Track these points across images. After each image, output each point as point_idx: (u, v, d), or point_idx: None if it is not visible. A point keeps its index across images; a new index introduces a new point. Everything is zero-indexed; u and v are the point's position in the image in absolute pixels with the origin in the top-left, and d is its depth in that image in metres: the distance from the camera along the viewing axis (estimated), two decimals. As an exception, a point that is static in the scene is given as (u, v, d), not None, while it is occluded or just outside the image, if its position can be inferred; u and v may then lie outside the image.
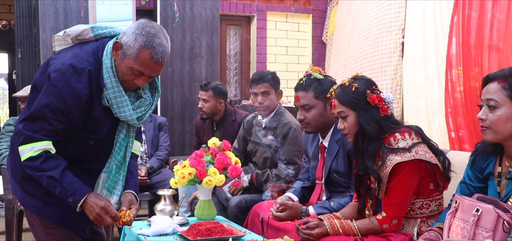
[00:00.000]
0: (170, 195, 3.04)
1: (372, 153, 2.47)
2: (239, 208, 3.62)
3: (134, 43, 2.12)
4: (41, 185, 2.17)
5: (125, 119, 2.26)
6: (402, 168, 2.39)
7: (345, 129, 2.56)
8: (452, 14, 4.48)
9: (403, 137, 2.44)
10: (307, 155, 3.28)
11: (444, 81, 4.54)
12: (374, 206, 2.60)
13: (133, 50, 2.12)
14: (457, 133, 4.40)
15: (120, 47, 2.16)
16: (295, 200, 3.12)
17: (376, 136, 2.47)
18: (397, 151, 2.40)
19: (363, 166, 2.50)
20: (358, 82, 2.55)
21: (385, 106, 2.52)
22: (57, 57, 2.20)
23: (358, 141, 2.53)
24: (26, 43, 5.74)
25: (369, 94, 2.50)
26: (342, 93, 2.55)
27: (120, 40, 2.17)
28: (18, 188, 2.29)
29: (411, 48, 5.07)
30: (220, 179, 2.97)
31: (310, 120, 3.01)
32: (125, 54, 2.14)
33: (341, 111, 2.55)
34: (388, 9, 5.42)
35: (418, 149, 2.41)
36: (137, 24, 2.17)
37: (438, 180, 2.51)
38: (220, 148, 3.14)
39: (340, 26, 6.59)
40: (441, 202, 2.55)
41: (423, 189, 2.49)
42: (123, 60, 2.15)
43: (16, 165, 2.26)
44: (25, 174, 2.22)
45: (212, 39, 5.85)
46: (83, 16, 5.13)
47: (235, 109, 4.68)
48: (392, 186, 2.42)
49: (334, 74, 6.46)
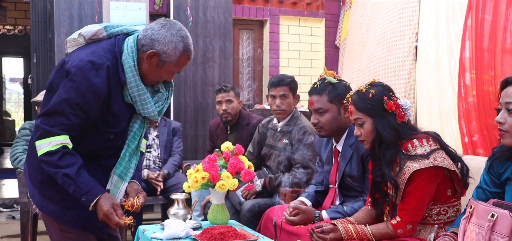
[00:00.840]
0: (183, 199, 3.05)
1: (389, 160, 2.45)
2: (252, 212, 3.62)
3: (174, 51, 2.20)
4: (59, 189, 2.19)
5: (148, 115, 2.32)
6: (420, 175, 2.38)
7: (362, 135, 2.54)
8: (465, 17, 4.44)
9: (421, 144, 2.42)
10: (321, 159, 3.27)
11: (457, 85, 4.50)
12: (391, 212, 2.58)
13: (174, 57, 2.22)
14: (470, 138, 4.36)
15: (156, 55, 2.20)
16: (309, 204, 3.12)
17: (393, 142, 2.45)
18: (415, 157, 2.39)
19: (380, 173, 2.49)
20: (375, 89, 2.53)
21: (402, 113, 2.50)
22: (72, 55, 2.23)
23: (375, 147, 2.51)
24: (41, 48, 5.80)
25: (386, 100, 2.49)
26: (359, 99, 2.54)
27: (155, 49, 2.20)
28: (36, 193, 2.30)
29: (424, 52, 5.04)
30: (233, 183, 2.97)
31: (324, 124, 3.01)
32: (164, 61, 2.22)
33: (357, 117, 2.54)
34: (402, 12, 5.39)
35: (437, 155, 2.39)
36: (166, 30, 2.21)
37: (456, 186, 2.48)
38: (233, 152, 3.14)
39: (354, 30, 6.57)
40: (458, 208, 2.52)
41: (440, 195, 2.47)
42: (161, 66, 2.23)
43: (35, 169, 2.28)
44: (44, 179, 2.24)
45: (225, 44, 5.86)
46: (97, 21, 5.18)
47: (249, 113, 4.65)
48: (409, 192, 2.41)
49: (348, 78, 6.44)
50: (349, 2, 6.88)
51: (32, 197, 2.35)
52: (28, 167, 2.34)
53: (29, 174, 2.33)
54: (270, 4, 6.84)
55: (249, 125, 4.46)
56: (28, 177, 2.34)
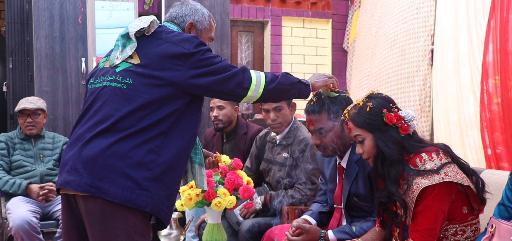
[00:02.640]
0: (176, 219, 3.07)
1: (395, 178, 2.45)
2: (251, 232, 3.63)
3: (203, 17, 2.54)
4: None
5: None
6: (430, 192, 2.36)
7: (364, 153, 2.56)
8: (488, 18, 4.46)
9: (430, 158, 2.42)
10: (324, 176, 3.27)
11: (480, 92, 4.52)
12: (402, 234, 2.57)
13: (206, 23, 2.55)
14: (493, 150, 4.37)
15: (193, 26, 2.52)
16: (313, 223, 3.12)
17: (397, 158, 2.45)
18: (424, 173, 2.38)
19: (386, 192, 2.49)
20: (372, 101, 2.54)
21: (404, 124, 2.50)
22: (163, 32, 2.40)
23: (377, 165, 2.52)
24: (18, 52, 5.81)
25: (385, 113, 2.49)
26: (357, 114, 2.54)
27: (192, 21, 2.52)
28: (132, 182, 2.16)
29: (441, 56, 5.06)
30: (230, 201, 2.99)
31: (327, 144, 2.97)
32: (201, 30, 2.54)
33: (357, 134, 2.55)
34: (416, 13, 5.42)
35: (448, 170, 2.38)
36: (186, 6, 2.55)
37: (472, 203, 2.47)
38: (230, 167, 3.16)
39: (363, 32, 6.60)
40: (477, 227, 2.51)
41: (456, 213, 2.46)
42: (200, 36, 2.52)
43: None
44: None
45: (222, 47, 5.89)
46: (81, 22, 5.21)
47: (248, 122, 4.67)
48: (420, 211, 2.40)
49: (358, 85, 6.47)
50: (358, 1, 6.91)
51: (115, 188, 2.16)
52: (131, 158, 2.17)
53: (129, 166, 2.16)
54: (272, 4, 6.88)
55: (247, 135, 4.47)
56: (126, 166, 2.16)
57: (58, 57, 5.15)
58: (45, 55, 5.12)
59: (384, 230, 2.68)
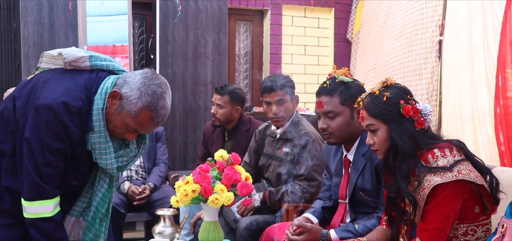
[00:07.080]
0: (170, 216, 3.07)
1: (406, 173, 2.45)
2: (249, 230, 3.63)
3: (136, 100, 2.26)
4: None
5: (105, 166, 2.39)
6: (442, 190, 2.36)
7: (375, 144, 2.54)
8: (505, 7, 4.44)
9: (443, 154, 2.41)
10: (329, 170, 3.27)
11: (494, 86, 4.50)
12: (409, 233, 2.57)
13: (134, 107, 2.26)
14: (508, 146, 4.36)
15: (119, 97, 2.27)
16: (315, 222, 3.13)
17: (410, 153, 2.45)
18: (436, 170, 2.37)
19: (396, 188, 2.48)
20: (390, 91, 2.53)
21: (421, 118, 2.49)
22: (46, 87, 2.28)
23: (389, 158, 2.51)
24: (4, 39, 5.81)
25: (403, 104, 2.48)
26: (372, 103, 2.53)
27: (120, 90, 2.27)
28: None
29: (452, 48, 5.05)
30: (228, 198, 2.98)
31: (335, 129, 2.99)
32: (123, 108, 2.27)
33: (370, 123, 2.54)
34: (425, 2, 5.42)
35: (461, 168, 2.37)
36: (142, 77, 2.28)
37: (485, 202, 2.46)
38: (228, 162, 3.16)
39: (369, 23, 6.59)
40: (488, 227, 2.50)
41: (467, 212, 2.45)
42: (119, 112, 2.28)
43: None
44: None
45: (220, 37, 5.88)
46: (71, 10, 5.20)
47: (251, 118, 4.66)
48: (430, 209, 2.39)
49: (363, 78, 6.46)
50: (363, -11, 6.92)
51: None
52: None
53: None
54: (272, -9, 6.88)
55: (249, 131, 4.47)
56: None
57: (47, 45, 5.14)
58: (33, 43, 5.11)
59: (390, 229, 2.68)
